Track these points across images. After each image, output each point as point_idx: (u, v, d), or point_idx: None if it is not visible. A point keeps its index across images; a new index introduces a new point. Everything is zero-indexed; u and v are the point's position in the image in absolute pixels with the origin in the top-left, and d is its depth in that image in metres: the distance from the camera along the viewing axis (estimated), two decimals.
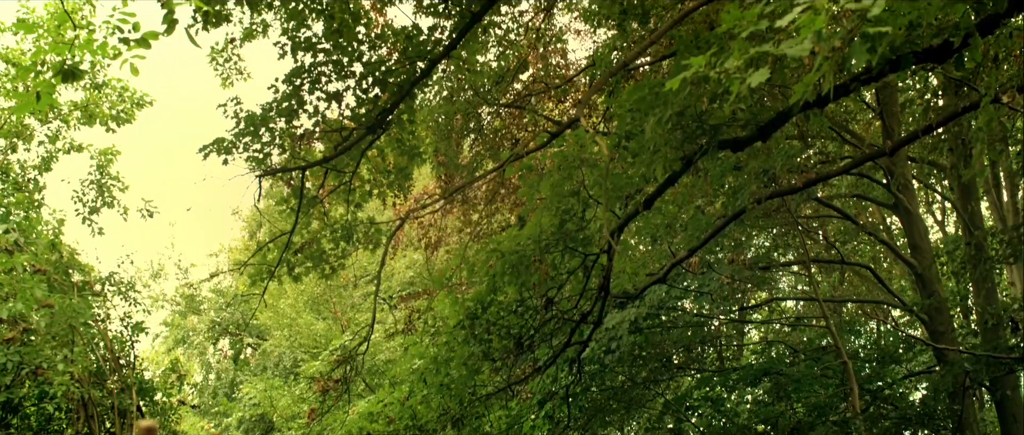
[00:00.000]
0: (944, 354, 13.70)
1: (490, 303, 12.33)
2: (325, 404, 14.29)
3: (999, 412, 14.59)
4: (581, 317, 11.88)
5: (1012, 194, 17.07)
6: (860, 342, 18.50)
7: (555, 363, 12.89)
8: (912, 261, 14.77)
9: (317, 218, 13.33)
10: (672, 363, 16.50)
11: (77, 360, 15.35)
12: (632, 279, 12.77)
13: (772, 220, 14.38)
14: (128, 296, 17.82)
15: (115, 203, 20.48)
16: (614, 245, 10.79)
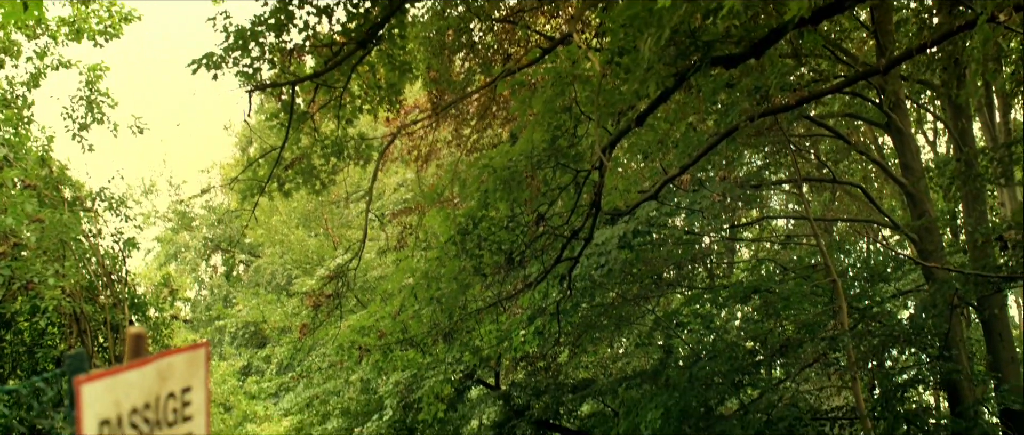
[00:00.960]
0: (932, 273, 13.77)
1: (481, 219, 12.35)
2: (317, 319, 14.37)
3: (986, 331, 14.71)
4: (572, 233, 11.90)
5: (1005, 114, 17.04)
6: (849, 261, 18.59)
7: (546, 279, 12.95)
8: (903, 180, 14.79)
9: (307, 134, 13.28)
10: (662, 280, 16.59)
11: (68, 275, 15.36)
12: (623, 196, 12.78)
13: (764, 138, 14.38)
14: (119, 212, 17.79)
15: (105, 120, 20.36)
16: (606, 161, 10.77)
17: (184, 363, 2.39)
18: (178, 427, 2.40)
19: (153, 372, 2.25)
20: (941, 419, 13.70)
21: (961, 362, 13.45)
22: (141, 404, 2.21)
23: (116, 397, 2.11)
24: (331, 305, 13.87)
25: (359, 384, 20.43)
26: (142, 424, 2.23)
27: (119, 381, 2.12)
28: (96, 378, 2.04)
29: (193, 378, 2.43)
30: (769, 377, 16.94)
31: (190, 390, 2.43)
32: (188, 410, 2.43)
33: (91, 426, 2.04)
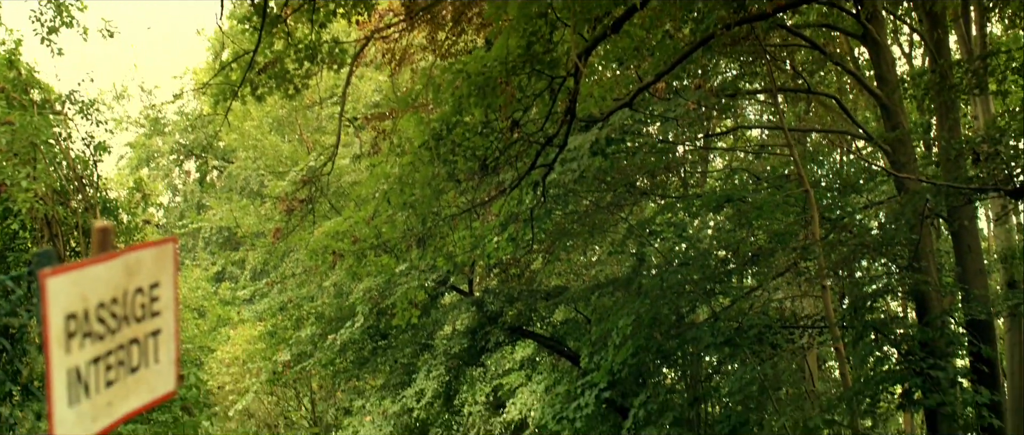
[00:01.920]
0: (904, 184, 13.83)
1: (455, 124, 12.28)
2: (289, 223, 14.34)
3: (955, 243, 14.83)
4: (546, 140, 11.87)
5: (981, 26, 17.01)
6: (822, 171, 18.65)
7: (519, 185, 12.94)
8: (878, 92, 14.77)
9: (280, 38, 13.12)
10: (636, 188, 16.62)
11: (40, 178, 15.25)
12: (598, 103, 12.72)
13: (740, 48, 14.30)
14: (90, 116, 17.63)
15: (74, 23, 20.04)
16: (581, 68, 10.71)
17: (152, 258, 2.37)
18: (146, 322, 2.38)
19: (120, 267, 2.23)
20: (908, 329, 13.87)
21: (930, 273, 13.58)
22: (108, 298, 2.19)
23: (82, 291, 2.09)
24: (304, 210, 13.83)
25: (333, 289, 20.50)
26: (109, 319, 2.21)
27: (85, 275, 2.09)
28: (62, 272, 2.01)
29: (161, 273, 2.41)
30: (740, 286, 17.09)
31: (158, 286, 2.41)
32: (156, 306, 2.41)
33: (57, 320, 2.02)
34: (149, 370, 2.42)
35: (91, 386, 2.16)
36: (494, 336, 19.55)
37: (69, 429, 2.09)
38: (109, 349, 2.22)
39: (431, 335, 21.83)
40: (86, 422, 2.15)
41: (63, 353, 2.05)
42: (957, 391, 11.89)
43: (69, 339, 2.06)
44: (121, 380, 2.29)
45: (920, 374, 11.50)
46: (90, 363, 2.15)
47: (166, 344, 2.48)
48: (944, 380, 11.39)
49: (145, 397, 2.42)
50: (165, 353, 2.48)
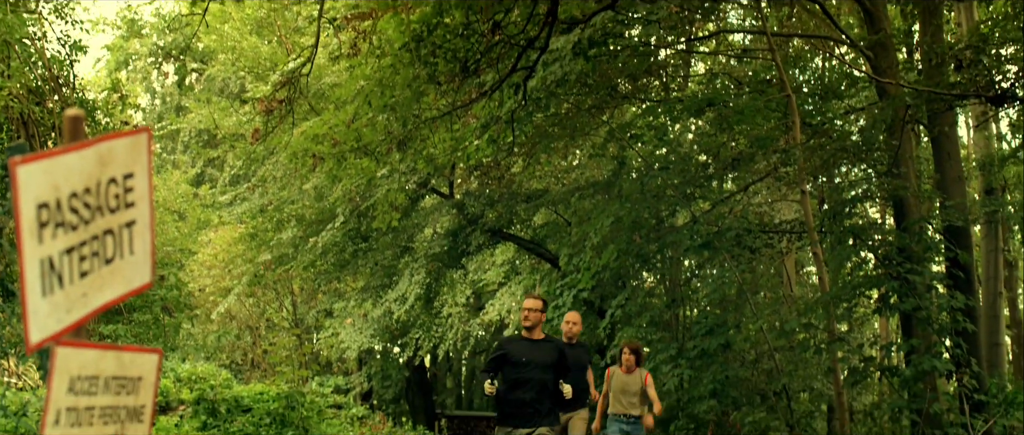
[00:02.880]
0: (886, 89, 13.81)
1: (436, 26, 12.17)
2: (269, 125, 14.24)
3: (934, 149, 14.90)
4: (528, 42, 11.79)
5: None
6: (804, 77, 18.61)
7: (500, 88, 12.88)
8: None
9: None
10: (617, 92, 16.55)
11: (14, 76, 15.08)
12: (581, 5, 12.61)
13: None
14: (65, 15, 17.37)
15: None
16: None
17: (126, 148, 2.34)
18: (121, 213, 2.36)
19: (93, 156, 2.20)
20: (886, 234, 13.96)
21: (909, 179, 13.64)
22: (81, 188, 2.17)
23: (55, 180, 2.06)
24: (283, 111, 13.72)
25: (313, 192, 20.46)
26: (83, 209, 2.19)
27: (57, 163, 2.07)
28: (32, 159, 1.98)
29: (135, 164, 2.39)
30: (720, 190, 17.14)
31: (132, 176, 2.38)
32: (131, 196, 2.39)
33: (29, 210, 2.00)
34: (124, 261, 2.40)
35: (65, 277, 2.14)
36: (475, 239, 19.62)
37: (43, 320, 2.08)
38: (83, 239, 2.20)
39: (411, 238, 21.88)
40: (60, 313, 2.14)
41: (36, 243, 2.03)
42: (933, 296, 12.02)
43: (41, 229, 2.04)
44: (96, 271, 2.28)
45: (897, 279, 11.61)
46: (63, 253, 2.13)
47: (141, 235, 2.46)
48: (920, 285, 11.51)
49: (120, 289, 2.41)
50: (140, 244, 2.46)
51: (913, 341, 11.63)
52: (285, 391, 16.48)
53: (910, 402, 11.47)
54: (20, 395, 10.61)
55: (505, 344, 8.76)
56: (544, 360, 8.32)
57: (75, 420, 2.29)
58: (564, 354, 8.85)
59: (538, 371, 8.25)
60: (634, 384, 10.51)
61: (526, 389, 8.24)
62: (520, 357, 8.31)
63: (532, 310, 8.50)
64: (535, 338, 8.50)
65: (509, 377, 8.36)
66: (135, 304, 15.95)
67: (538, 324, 8.48)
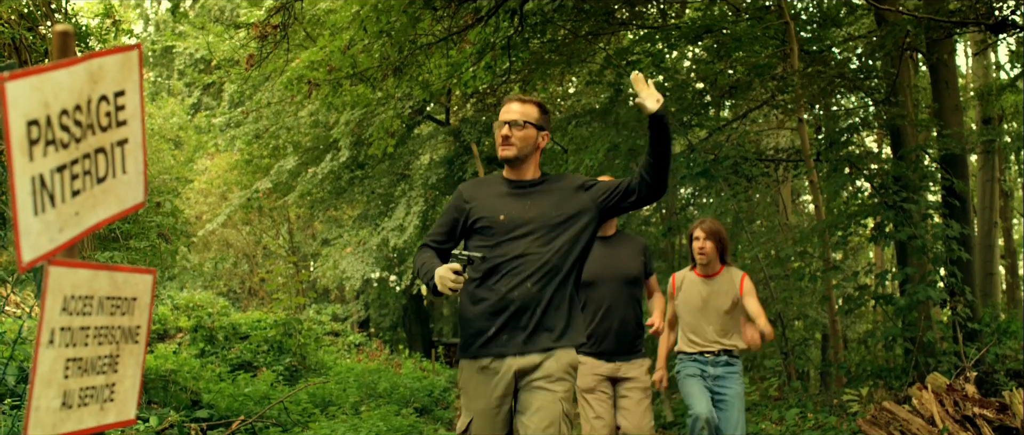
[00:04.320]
0: (884, 16, 13.71)
1: None
2: (264, 50, 14.13)
3: (933, 77, 14.81)
4: None
5: None
6: (803, 4, 18.47)
7: (497, 13, 12.77)
8: None
9: None
10: (614, 17, 16.40)
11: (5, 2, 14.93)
12: None
13: None
14: None
15: None
16: None
17: (116, 65, 2.31)
18: (112, 132, 2.34)
19: (83, 72, 2.18)
20: (883, 163, 13.94)
21: (906, 108, 13.59)
22: (72, 106, 2.15)
23: (44, 97, 2.04)
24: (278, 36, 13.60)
25: (309, 119, 20.39)
26: (73, 127, 2.17)
27: (47, 80, 2.04)
28: (21, 76, 1.96)
29: (127, 81, 2.36)
30: (717, 118, 17.09)
31: (124, 94, 2.36)
32: (122, 114, 2.37)
33: (19, 126, 1.98)
34: (116, 180, 2.39)
35: (56, 195, 2.13)
36: (471, 166, 19.59)
37: (35, 238, 2.07)
38: (74, 158, 2.19)
39: (408, 166, 21.84)
40: (52, 231, 2.13)
41: (26, 160, 2.02)
42: (928, 225, 12.03)
43: (32, 146, 2.02)
44: (88, 190, 2.27)
45: (892, 207, 11.61)
46: (54, 171, 2.12)
47: (133, 154, 2.44)
48: (916, 213, 11.51)
49: (113, 208, 2.40)
50: (132, 163, 2.45)
51: (908, 270, 11.65)
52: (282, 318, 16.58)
53: (904, 330, 11.52)
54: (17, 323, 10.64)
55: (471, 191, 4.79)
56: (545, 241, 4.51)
57: (70, 340, 2.30)
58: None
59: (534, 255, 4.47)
60: (722, 295, 6.86)
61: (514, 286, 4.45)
62: (505, 229, 4.54)
63: (514, 122, 4.61)
64: (526, 178, 4.71)
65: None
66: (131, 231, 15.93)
67: (531, 153, 4.66)
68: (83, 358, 2.35)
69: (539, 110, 4.67)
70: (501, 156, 4.62)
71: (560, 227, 4.52)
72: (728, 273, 6.96)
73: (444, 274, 4.26)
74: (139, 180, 2.48)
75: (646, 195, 4.50)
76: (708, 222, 6.97)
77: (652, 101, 4.26)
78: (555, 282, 4.47)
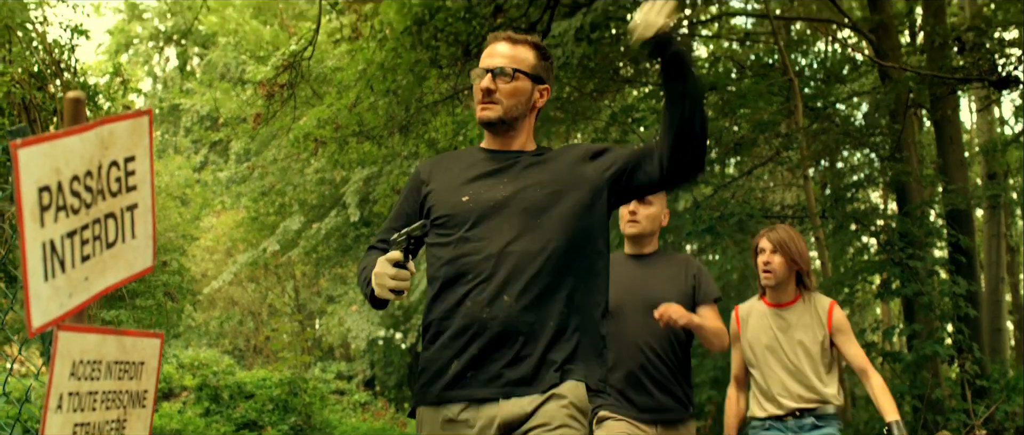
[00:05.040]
0: (888, 73, 13.79)
1: (438, 9, 12.15)
2: (270, 108, 14.24)
3: (937, 133, 14.85)
4: (530, 25, 11.78)
5: None
6: (807, 61, 18.57)
7: None
8: None
9: None
10: (619, 75, 16.50)
11: (16, 62, 15.07)
12: None
13: None
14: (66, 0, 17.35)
15: None
16: None
17: (127, 131, 2.33)
18: (122, 197, 2.36)
19: (94, 138, 2.20)
20: (888, 219, 13.95)
21: (911, 164, 13.62)
22: (82, 171, 2.16)
23: (56, 163, 2.06)
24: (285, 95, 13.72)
25: (315, 176, 20.46)
26: (84, 192, 2.18)
27: (58, 146, 2.06)
28: (33, 142, 1.98)
29: (137, 147, 2.38)
30: (722, 174, 17.12)
31: (134, 159, 2.38)
32: (132, 179, 2.38)
33: (30, 193, 1.99)
34: (126, 245, 2.40)
35: (67, 261, 2.14)
36: None
37: (45, 304, 2.08)
38: (84, 223, 2.20)
39: None
40: (62, 297, 2.14)
41: (37, 226, 2.03)
42: (935, 281, 12.01)
43: (43, 212, 2.04)
44: (97, 255, 2.28)
45: (899, 264, 11.59)
46: (65, 237, 2.13)
47: (143, 219, 2.46)
48: (922, 270, 11.49)
49: (123, 272, 2.41)
50: (142, 228, 2.46)
51: (915, 326, 11.61)
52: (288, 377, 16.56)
53: (912, 388, 11.46)
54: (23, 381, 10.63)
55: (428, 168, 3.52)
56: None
57: (78, 405, 2.29)
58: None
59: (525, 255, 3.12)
60: (802, 332, 5.03)
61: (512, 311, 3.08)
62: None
63: (500, 70, 3.29)
64: (511, 148, 3.41)
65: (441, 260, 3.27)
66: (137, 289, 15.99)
67: (523, 115, 3.36)
68: (91, 422, 2.35)
69: (536, 53, 3.37)
70: (480, 117, 3.31)
71: (550, 211, 3.14)
72: (809, 301, 5.10)
73: (381, 269, 2.96)
74: (148, 245, 2.49)
75: (670, 168, 3.11)
76: (777, 229, 5.14)
77: (643, 23, 2.96)
78: (553, 292, 3.08)
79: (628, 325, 4.82)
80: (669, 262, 5.09)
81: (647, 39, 2.96)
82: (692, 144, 3.09)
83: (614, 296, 4.17)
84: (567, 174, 3.24)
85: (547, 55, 3.41)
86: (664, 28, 2.94)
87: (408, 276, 2.94)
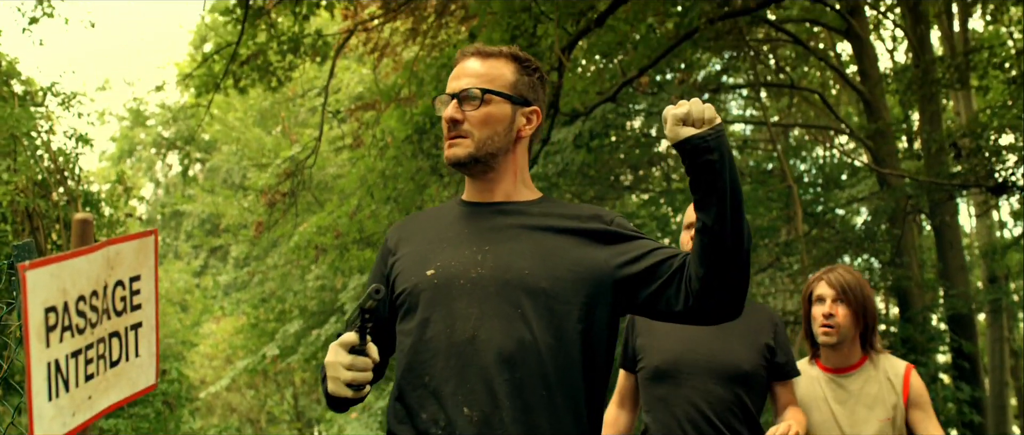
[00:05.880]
0: (887, 179, 13.89)
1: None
2: (272, 217, 14.31)
3: (937, 238, 14.89)
4: None
5: (963, 23, 17.07)
6: (806, 167, 18.71)
7: None
8: (860, 87, 14.83)
9: (263, 30, 13.11)
10: (619, 182, 16.63)
11: (21, 170, 15.17)
12: (581, 97, 12.74)
13: (723, 42, 14.34)
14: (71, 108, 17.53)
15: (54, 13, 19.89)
16: (565, 62, 10.71)
17: (133, 251, 2.35)
18: (127, 316, 2.37)
19: (101, 259, 2.22)
20: (890, 324, 13.92)
21: (912, 269, 13.64)
22: (88, 292, 2.18)
23: (62, 284, 2.07)
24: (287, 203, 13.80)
25: (315, 283, 20.47)
26: (90, 312, 2.20)
27: (65, 268, 2.08)
28: (41, 264, 2.00)
29: (142, 267, 2.40)
30: None
31: (139, 279, 2.40)
32: (137, 299, 2.40)
33: (37, 313, 2.01)
34: (130, 364, 2.41)
35: (71, 380, 2.15)
36: None
37: (48, 424, 2.08)
38: (89, 343, 2.21)
39: None
40: (65, 416, 2.14)
41: (43, 347, 2.04)
42: (938, 387, 11.94)
43: (49, 332, 2.05)
44: (101, 374, 2.28)
45: None
46: (70, 356, 2.14)
47: (147, 338, 2.46)
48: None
49: (126, 391, 2.41)
50: (145, 347, 2.47)
51: None
52: None
53: None
54: None
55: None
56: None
57: None
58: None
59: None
60: (870, 404, 3.85)
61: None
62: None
63: (466, 94, 2.49)
64: (495, 199, 2.58)
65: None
66: None
67: (503, 149, 2.53)
68: None
69: (517, 67, 2.57)
70: (446, 158, 2.55)
71: (548, 294, 2.33)
72: (877, 366, 3.90)
73: (333, 358, 2.23)
74: (151, 363, 2.50)
75: (699, 299, 2.29)
76: (838, 271, 3.93)
77: (678, 121, 2.27)
78: (551, 396, 2.28)
79: (683, 391, 3.64)
80: (746, 311, 3.54)
81: (677, 140, 2.25)
82: (728, 289, 2.28)
83: (668, 351, 3.71)
84: (570, 247, 2.42)
85: (533, 69, 2.60)
86: (695, 126, 2.25)
87: (369, 364, 2.19)
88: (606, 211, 2.56)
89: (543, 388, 2.26)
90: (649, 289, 2.38)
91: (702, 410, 3.60)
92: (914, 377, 3.86)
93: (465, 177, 2.62)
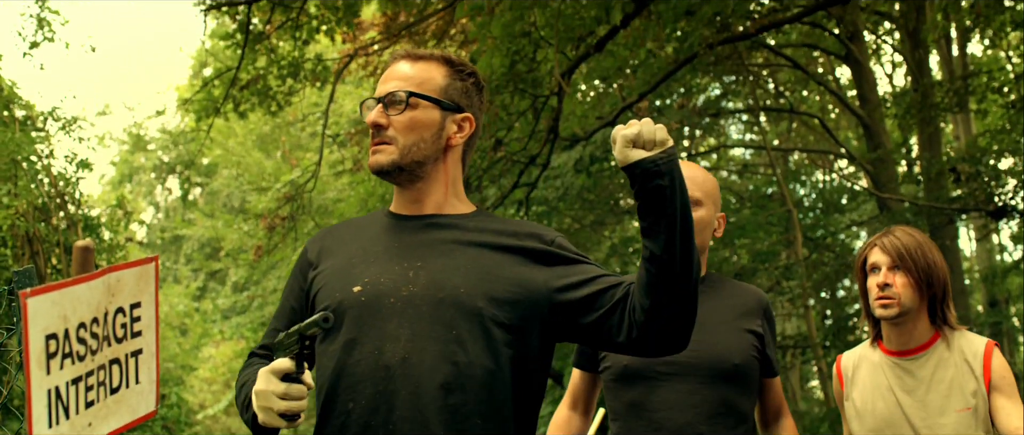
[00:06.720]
0: (886, 204, 13.90)
1: None
2: (271, 241, 14.30)
3: None
4: (529, 159, 11.90)
5: (962, 47, 17.12)
6: (805, 191, 18.73)
7: (503, 204, 12.95)
8: (859, 112, 14.87)
9: (263, 54, 13.15)
10: (619, 207, 16.64)
11: (21, 195, 15.18)
12: (581, 122, 12.77)
13: (723, 67, 14.38)
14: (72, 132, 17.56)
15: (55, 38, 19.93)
16: (564, 87, 10.75)
17: (133, 278, 2.35)
18: (127, 343, 2.37)
19: (102, 286, 2.22)
20: None
21: None
22: (89, 318, 2.18)
23: (63, 311, 2.08)
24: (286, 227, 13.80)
25: None
26: (90, 339, 2.20)
27: (66, 295, 2.08)
28: (42, 292, 2.00)
29: (143, 293, 2.40)
30: None
31: (140, 306, 2.40)
32: (137, 326, 2.40)
33: (37, 341, 2.01)
34: (130, 390, 2.41)
35: (71, 407, 2.15)
36: None
37: None
38: (90, 369, 2.21)
39: None
40: None
41: (43, 374, 2.04)
42: None
43: (49, 359, 2.05)
44: (101, 401, 2.28)
45: None
46: (70, 383, 2.14)
47: (147, 364, 2.46)
48: None
49: (126, 417, 2.41)
50: (146, 373, 2.46)
51: None
52: None
53: None
54: None
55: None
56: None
57: None
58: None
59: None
60: (944, 389, 3.08)
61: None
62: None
63: (392, 97, 2.29)
64: (425, 212, 2.37)
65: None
66: None
67: (431, 158, 2.33)
68: None
69: (449, 71, 2.39)
70: (370, 164, 2.37)
71: (484, 315, 2.16)
72: (952, 344, 3.18)
73: (264, 386, 2.01)
74: (151, 389, 2.50)
75: (642, 332, 2.12)
76: (895, 233, 3.24)
77: (628, 143, 2.17)
78: (485, 424, 2.11)
79: (660, 394, 3.00)
80: (729, 293, 3.21)
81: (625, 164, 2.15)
82: (671, 323, 2.12)
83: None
84: (508, 265, 2.24)
85: (468, 74, 2.41)
86: (644, 149, 2.14)
87: (304, 393, 2.01)
88: (547, 229, 2.38)
89: (478, 415, 2.09)
90: (590, 317, 2.20)
91: (685, 417, 2.96)
92: (996, 356, 3.11)
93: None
